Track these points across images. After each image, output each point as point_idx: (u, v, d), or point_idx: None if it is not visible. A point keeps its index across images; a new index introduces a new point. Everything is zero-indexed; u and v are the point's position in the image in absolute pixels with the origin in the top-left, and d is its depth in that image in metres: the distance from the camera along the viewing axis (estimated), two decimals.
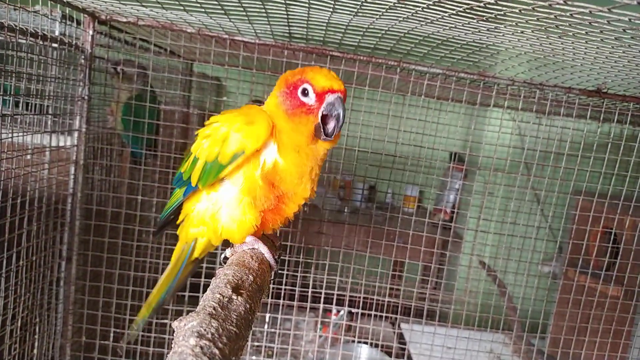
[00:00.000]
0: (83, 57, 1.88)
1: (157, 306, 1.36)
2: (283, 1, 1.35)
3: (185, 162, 1.22)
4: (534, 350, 2.41)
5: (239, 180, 1.09)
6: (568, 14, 1.05)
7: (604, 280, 2.30)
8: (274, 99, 1.13)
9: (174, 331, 0.83)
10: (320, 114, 1.06)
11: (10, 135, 1.59)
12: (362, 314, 2.38)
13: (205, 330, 0.80)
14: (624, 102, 2.06)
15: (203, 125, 1.21)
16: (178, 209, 1.28)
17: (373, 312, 2.31)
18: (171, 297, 1.40)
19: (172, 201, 1.27)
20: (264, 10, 1.50)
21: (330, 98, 1.05)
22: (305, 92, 1.06)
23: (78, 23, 1.85)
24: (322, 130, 1.06)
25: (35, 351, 1.85)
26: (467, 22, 1.32)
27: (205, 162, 1.11)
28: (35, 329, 1.85)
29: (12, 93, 1.64)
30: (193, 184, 1.15)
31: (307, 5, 1.36)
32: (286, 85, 1.10)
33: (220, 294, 0.95)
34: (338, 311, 2.95)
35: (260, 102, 2.54)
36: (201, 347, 0.75)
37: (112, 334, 2.10)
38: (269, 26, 1.75)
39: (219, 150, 1.08)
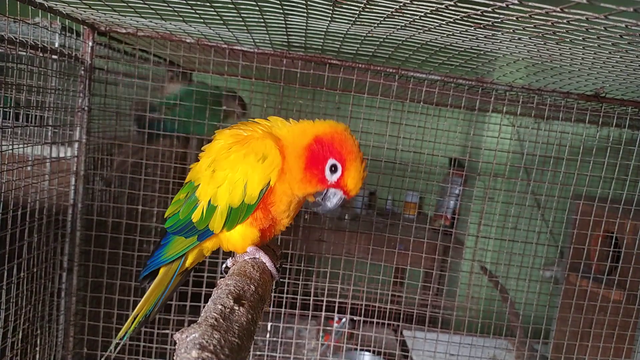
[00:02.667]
0: (83, 68, 1.88)
1: (144, 320, 1.34)
2: (282, 11, 1.36)
3: (192, 207, 1.17)
4: (537, 356, 2.40)
5: None
6: (565, 20, 1.05)
7: (606, 284, 2.30)
8: (298, 137, 1.11)
9: (175, 342, 0.83)
10: (325, 191, 1.09)
11: (10, 146, 1.59)
12: (364, 322, 2.37)
13: (207, 342, 0.79)
14: (622, 106, 2.07)
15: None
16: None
17: (375, 320, 2.31)
18: (159, 309, 1.38)
19: (177, 250, 1.23)
20: (262, 20, 1.51)
21: (339, 193, 1.08)
22: (333, 169, 1.06)
23: (78, 35, 1.86)
24: (320, 200, 1.10)
25: None
26: (464, 30, 1.32)
27: (229, 208, 1.11)
28: (37, 341, 1.84)
29: (12, 105, 1.64)
30: (216, 231, 1.15)
31: (305, 14, 1.37)
32: (319, 143, 1.07)
33: (222, 304, 0.95)
34: (340, 319, 2.94)
35: (232, 96, 2.51)
36: (203, 359, 0.75)
37: (113, 345, 2.09)
38: (267, 35, 1.76)
39: (243, 193, 1.09)
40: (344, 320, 2.93)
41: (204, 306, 0.93)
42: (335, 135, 1.07)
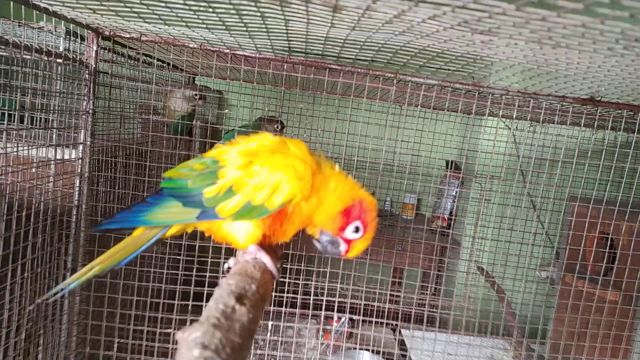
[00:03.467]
0: (87, 72, 1.91)
1: (100, 273, 1.19)
2: (283, 17, 1.39)
3: (209, 182, 1.12)
4: (534, 355, 2.42)
5: None
6: (561, 26, 1.07)
7: (602, 285, 2.32)
8: (341, 186, 1.19)
9: (177, 341, 0.85)
10: (331, 238, 1.17)
11: (16, 148, 1.62)
12: (363, 321, 2.39)
13: (209, 341, 0.81)
14: (618, 110, 2.10)
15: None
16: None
17: (374, 319, 2.33)
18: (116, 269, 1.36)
19: (167, 217, 1.15)
20: (264, 26, 1.54)
21: (342, 247, 1.17)
22: (356, 229, 1.17)
23: (82, 39, 1.89)
24: (325, 241, 1.18)
25: None
26: (461, 35, 1.35)
27: (248, 202, 1.11)
28: (40, 340, 1.86)
29: (17, 108, 1.67)
30: (221, 216, 1.12)
31: (306, 21, 1.39)
32: (356, 207, 1.18)
33: (223, 304, 0.97)
34: (339, 318, 2.96)
35: (272, 117, 2.58)
36: (205, 358, 0.77)
37: (116, 345, 2.12)
38: (269, 41, 1.79)
39: (267, 197, 1.11)
40: (343, 319, 2.95)
41: (205, 305, 0.95)
42: (371, 207, 1.20)
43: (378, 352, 2.72)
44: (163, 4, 1.36)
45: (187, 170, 1.17)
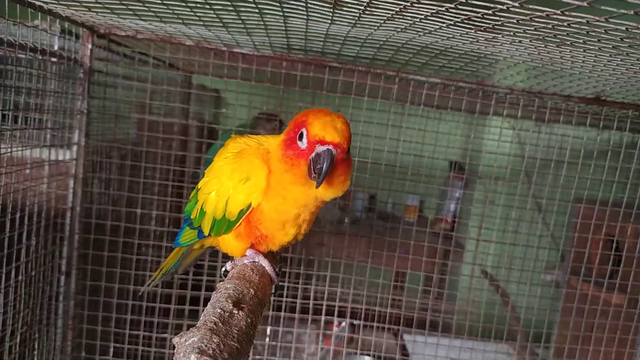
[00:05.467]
0: (82, 71, 1.88)
1: (167, 275, 1.41)
2: (281, 14, 1.36)
3: (194, 204, 1.22)
4: None
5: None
6: (565, 23, 1.05)
7: (607, 288, 2.29)
8: (280, 137, 1.09)
9: (174, 346, 0.82)
10: (309, 161, 0.99)
11: (9, 149, 1.58)
12: (364, 326, 2.35)
13: (206, 346, 0.79)
14: (623, 109, 2.07)
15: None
16: None
17: (375, 324, 2.29)
18: (178, 273, 1.53)
19: (186, 238, 1.28)
20: (262, 23, 1.51)
21: (319, 149, 0.97)
22: (301, 136, 1.00)
23: (77, 37, 1.86)
24: (310, 173, 0.99)
25: None
26: (465, 33, 1.32)
27: (213, 217, 1.14)
28: (35, 344, 1.83)
29: (11, 107, 1.64)
30: (206, 234, 1.18)
31: (305, 17, 1.36)
32: (294, 124, 1.04)
33: (221, 308, 0.94)
34: (340, 323, 2.93)
35: (270, 115, 2.53)
36: None
37: (112, 349, 2.08)
38: (267, 38, 1.76)
39: (224, 208, 1.11)
40: (343, 324, 2.91)
41: (203, 310, 0.92)
42: (307, 111, 1.05)
43: (379, 358, 2.68)
44: (159, 1, 1.33)
45: (194, 192, 1.28)
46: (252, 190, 1.07)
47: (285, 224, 1.11)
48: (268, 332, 2.34)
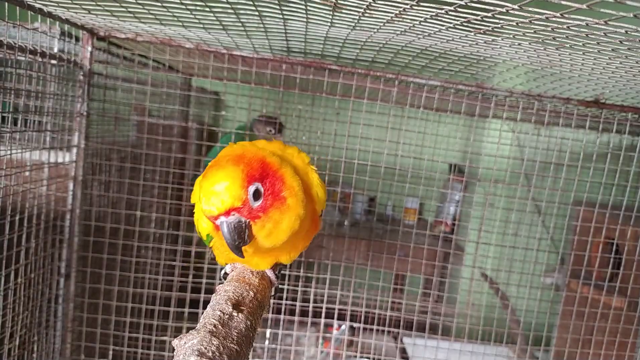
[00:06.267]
0: (82, 73, 1.88)
1: None
2: (281, 16, 1.36)
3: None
4: None
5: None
6: (565, 26, 1.05)
7: (607, 291, 2.29)
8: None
9: (173, 349, 0.82)
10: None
11: (8, 151, 1.58)
12: (364, 329, 2.35)
13: (206, 348, 0.78)
14: (622, 112, 2.07)
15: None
16: None
17: (375, 327, 2.29)
18: None
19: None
20: (262, 26, 1.51)
21: (218, 224, 0.81)
22: (255, 194, 0.81)
23: (77, 40, 1.86)
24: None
25: None
26: (464, 35, 1.32)
27: (199, 231, 1.02)
28: (34, 347, 1.83)
29: (10, 110, 1.64)
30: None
31: (305, 20, 1.36)
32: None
33: (220, 310, 0.94)
34: (339, 326, 2.92)
35: (269, 118, 2.52)
36: None
37: (111, 352, 2.08)
38: (267, 41, 1.76)
39: (198, 222, 0.98)
40: (343, 327, 2.91)
41: (202, 312, 0.92)
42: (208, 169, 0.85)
43: None
44: (159, 3, 1.33)
45: None
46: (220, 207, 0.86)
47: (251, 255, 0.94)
48: (267, 334, 2.34)
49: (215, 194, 0.78)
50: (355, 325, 2.33)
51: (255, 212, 0.81)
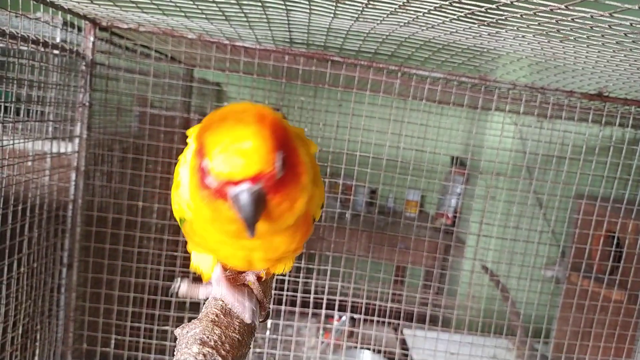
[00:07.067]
0: (84, 63, 1.88)
1: None
2: (284, 7, 1.35)
3: None
4: (537, 355, 2.39)
5: None
6: (569, 18, 1.05)
7: (608, 284, 2.29)
8: (193, 156, 0.73)
9: (175, 338, 0.82)
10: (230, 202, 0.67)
11: (11, 141, 1.59)
12: (365, 320, 2.36)
13: (208, 337, 0.79)
14: (626, 106, 2.06)
15: None
16: None
17: (375, 318, 2.30)
18: None
19: None
20: (265, 16, 1.50)
21: (232, 192, 0.65)
22: (205, 172, 0.67)
23: (79, 30, 1.85)
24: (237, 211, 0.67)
25: (36, 359, 1.84)
26: (468, 27, 1.32)
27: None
28: (36, 336, 1.84)
29: (13, 100, 1.64)
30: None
31: (308, 11, 1.36)
32: (198, 144, 0.69)
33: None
34: (340, 317, 2.94)
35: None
36: (204, 355, 0.74)
37: (113, 341, 2.09)
38: (269, 31, 1.75)
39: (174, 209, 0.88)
40: (344, 318, 2.92)
41: (204, 302, 0.92)
42: (209, 118, 0.70)
43: (379, 352, 2.69)
44: None
45: None
46: (181, 203, 0.81)
47: (234, 253, 0.81)
48: (269, 325, 2.35)
49: (242, 153, 0.64)
50: (355, 316, 2.34)
51: (277, 185, 0.67)
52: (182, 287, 0.93)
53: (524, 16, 1.10)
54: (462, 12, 1.15)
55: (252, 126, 0.65)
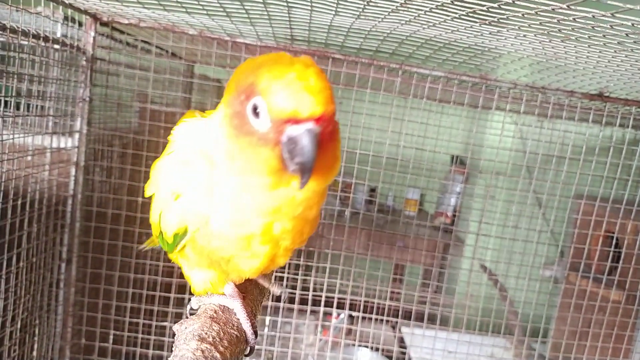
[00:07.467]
0: (84, 58, 1.87)
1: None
2: (285, 4, 1.35)
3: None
4: (535, 354, 2.39)
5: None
6: (571, 18, 1.04)
7: (606, 284, 2.30)
8: (221, 111, 0.71)
9: (174, 334, 0.82)
10: (280, 150, 0.63)
11: (11, 136, 1.58)
12: (363, 318, 2.37)
13: (206, 333, 0.79)
14: (626, 106, 2.06)
15: None
16: None
17: (374, 316, 2.30)
18: None
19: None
20: (266, 13, 1.50)
21: (292, 131, 0.61)
22: (256, 111, 0.63)
23: (80, 25, 1.85)
24: (283, 166, 0.64)
25: (34, 353, 1.84)
26: (469, 26, 1.32)
27: (158, 231, 0.85)
28: (35, 330, 1.84)
29: (13, 94, 1.64)
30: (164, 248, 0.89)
31: (309, 8, 1.36)
32: (237, 89, 0.66)
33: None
34: (338, 314, 2.94)
35: None
36: (202, 351, 0.75)
37: (111, 336, 2.09)
38: (271, 28, 1.75)
39: (158, 225, 0.82)
40: (342, 315, 2.93)
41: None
42: (253, 63, 0.66)
43: (377, 350, 2.69)
44: None
45: None
46: (186, 212, 0.74)
47: (251, 241, 0.74)
48: (267, 322, 2.36)
49: (310, 90, 0.59)
50: (354, 314, 2.34)
51: (328, 134, 0.63)
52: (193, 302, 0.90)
53: (525, 15, 1.10)
54: (463, 10, 1.15)
55: (312, 67, 0.62)
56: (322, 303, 2.23)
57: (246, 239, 0.74)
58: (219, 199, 0.71)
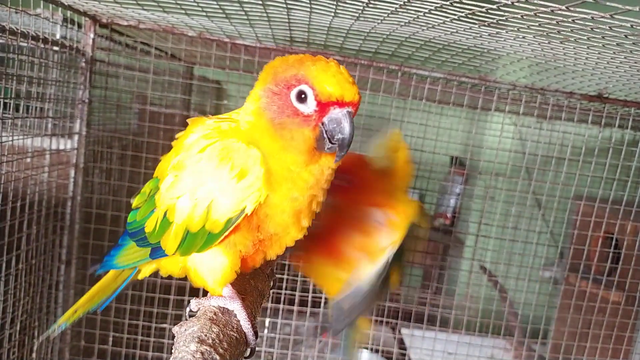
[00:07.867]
0: (84, 60, 1.87)
1: (83, 315, 1.17)
2: (285, 5, 1.35)
3: (149, 212, 0.92)
4: (535, 356, 2.39)
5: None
6: (570, 19, 1.04)
7: (606, 285, 2.29)
8: (255, 101, 0.84)
9: (173, 336, 0.82)
10: (320, 129, 0.79)
11: (10, 138, 1.58)
12: None
13: (206, 335, 0.79)
14: (625, 107, 2.06)
15: None
16: None
17: (373, 317, 2.30)
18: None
19: (128, 259, 1.02)
20: (265, 14, 1.50)
21: (335, 113, 0.78)
22: (302, 97, 0.78)
23: (79, 26, 1.85)
24: (324, 143, 0.80)
25: (34, 355, 1.84)
26: (468, 27, 1.32)
27: (185, 230, 0.85)
28: (34, 332, 1.84)
29: (12, 96, 1.63)
30: (168, 253, 0.89)
31: (308, 9, 1.36)
32: (275, 80, 0.81)
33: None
34: None
35: None
36: (202, 353, 0.74)
37: (110, 338, 2.09)
38: (270, 30, 1.75)
39: (204, 216, 0.82)
40: None
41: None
42: (291, 60, 0.82)
43: (377, 351, 2.69)
44: None
45: (143, 196, 0.98)
46: (249, 190, 0.79)
47: (301, 213, 0.86)
48: (267, 323, 2.35)
49: (352, 82, 0.80)
50: None
51: None
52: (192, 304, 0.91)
53: (524, 17, 1.10)
54: (462, 12, 1.15)
55: (342, 66, 0.81)
56: (322, 304, 2.23)
57: (298, 213, 0.85)
58: (274, 181, 0.81)
